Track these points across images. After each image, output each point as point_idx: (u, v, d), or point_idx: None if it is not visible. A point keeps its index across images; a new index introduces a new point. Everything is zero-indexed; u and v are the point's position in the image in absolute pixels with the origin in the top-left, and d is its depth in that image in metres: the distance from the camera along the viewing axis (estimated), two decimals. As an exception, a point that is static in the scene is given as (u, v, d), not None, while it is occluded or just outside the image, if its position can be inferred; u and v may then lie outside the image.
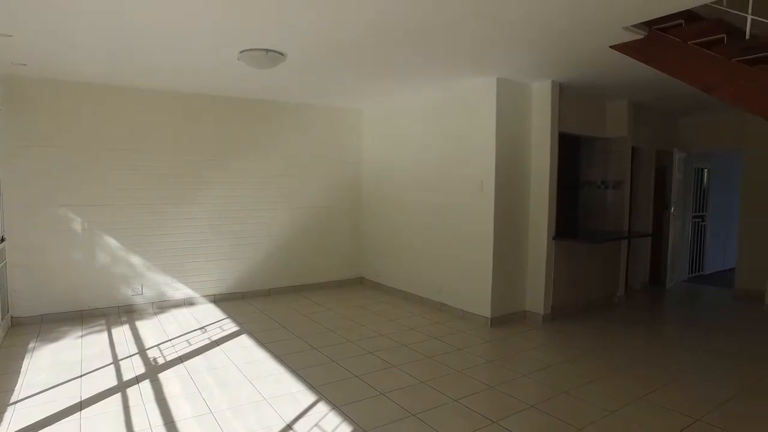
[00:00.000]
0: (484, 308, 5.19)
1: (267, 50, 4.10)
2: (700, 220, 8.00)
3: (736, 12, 3.17)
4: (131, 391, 3.45)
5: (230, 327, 5.04)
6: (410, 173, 6.25)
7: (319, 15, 3.24)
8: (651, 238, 6.91)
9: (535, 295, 5.36)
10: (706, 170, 8.13)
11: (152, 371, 3.83)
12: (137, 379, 3.67)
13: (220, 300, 6.16)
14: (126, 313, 5.52)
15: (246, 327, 5.03)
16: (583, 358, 4.22)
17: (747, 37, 3.08)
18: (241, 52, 4.15)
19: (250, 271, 6.40)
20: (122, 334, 4.78)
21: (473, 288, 5.31)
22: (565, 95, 5.47)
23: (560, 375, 3.84)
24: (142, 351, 4.30)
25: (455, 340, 4.66)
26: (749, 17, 3.12)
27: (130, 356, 4.16)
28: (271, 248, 6.55)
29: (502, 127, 5.07)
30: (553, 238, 5.28)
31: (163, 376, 3.72)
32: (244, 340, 4.62)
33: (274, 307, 5.87)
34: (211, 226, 6.08)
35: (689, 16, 3.37)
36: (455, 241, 5.55)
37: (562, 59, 4.35)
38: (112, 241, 5.43)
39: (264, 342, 4.55)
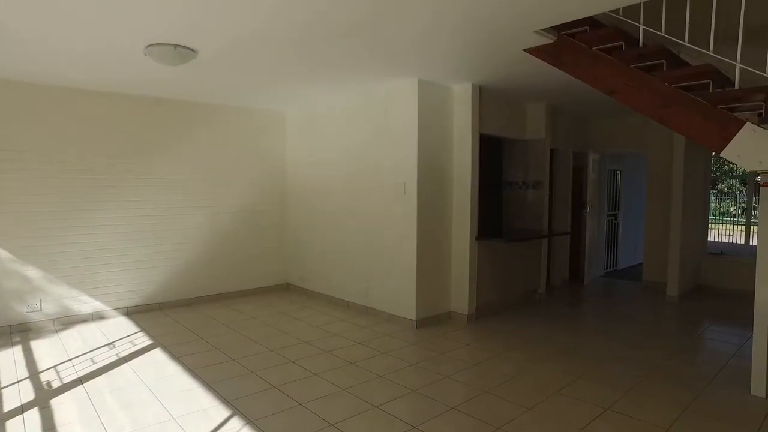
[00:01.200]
0: (409, 311, 5.18)
1: (176, 45, 3.85)
2: (614, 218, 8.48)
3: (630, 21, 3.34)
4: (13, 425, 3.08)
5: (142, 341, 4.70)
6: (334, 177, 6.15)
7: (231, 7, 3.06)
8: (569, 236, 7.22)
9: (460, 296, 5.41)
10: (619, 171, 8.63)
11: (44, 397, 3.46)
12: (22, 409, 3.29)
13: (134, 312, 5.75)
14: (20, 332, 5.01)
15: (160, 340, 4.71)
16: (505, 355, 4.30)
17: (640, 44, 3.25)
18: (147, 46, 3.87)
19: (168, 280, 6.03)
20: (11, 356, 4.31)
21: (398, 291, 5.29)
22: (486, 98, 5.58)
23: (482, 374, 3.88)
24: (33, 375, 3.89)
25: (380, 344, 4.60)
26: (641, 27, 3.30)
27: (18, 382, 3.74)
28: (192, 255, 6.21)
29: (424, 129, 5.09)
30: (476, 239, 5.36)
31: (57, 402, 3.37)
32: (157, 354, 4.32)
33: (194, 318, 5.55)
34: (125, 234, 5.66)
35: (593, 23, 3.51)
36: (379, 244, 5.50)
37: (480, 62, 4.41)
38: (1, 253, 4.90)
39: (178, 356, 4.27)
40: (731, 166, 17.99)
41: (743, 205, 17.53)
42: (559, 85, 5.26)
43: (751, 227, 6.94)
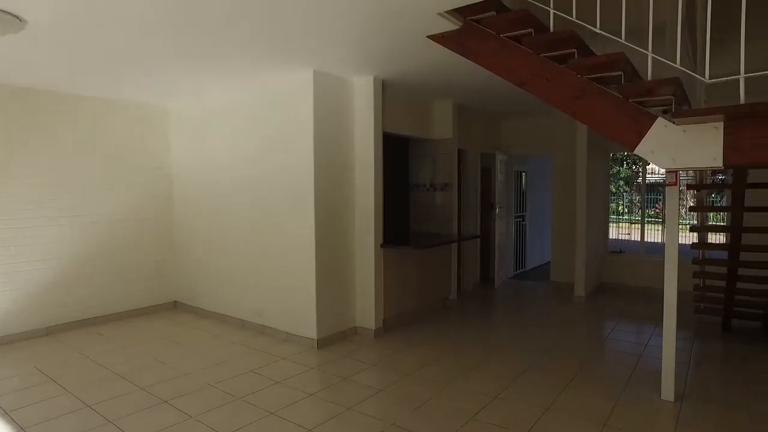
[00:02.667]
0: (309, 329, 4.62)
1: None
2: (522, 219, 8.51)
3: (540, 5, 3.07)
4: None
5: (-33, 389, 3.71)
6: (225, 181, 5.43)
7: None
8: (479, 238, 7.05)
9: (366, 309, 4.95)
10: (523, 173, 8.68)
11: None
12: None
13: (-32, 349, 4.64)
14: None
15: (-8, 386, 3.75)
16: (415, 375, 3.88)
17: (551, 30, 2.98)
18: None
19: (18, 307, 4.95)
20: None
21: (297, 307, 4.71)
22: (390, 93, 5.19)
23: (390, 402, 3.42)
24: None
25: (275, 371, 4.00)
26: (551, 11, 3.03)
27: None
28: (52, 274, 5.17)
29: (322, 127, 4.57)
30: (381, 246, 4.93)
31: None
32: (-19, 407, 3.38)
33: (49, 352, 4.57)
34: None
35: (500, 7, 3.19)
36: (276, 256, 4.89)
37: (382, 51, 3.98)
38: None
39: (10, 409, 3.37)
40: (617, 168, 19.40)
41: (629, 204, 19.01)
42: (465, 81, 4.99)
43: (645, 226, 7.19)
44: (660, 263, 6.59)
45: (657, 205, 16.72)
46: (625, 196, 18.24)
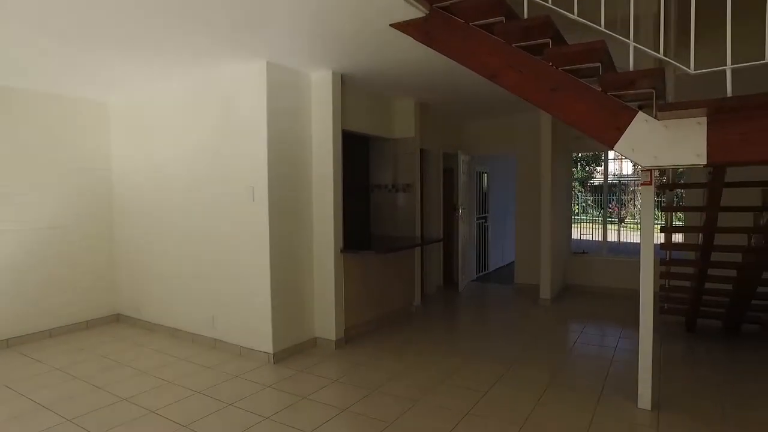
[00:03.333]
0: (265, 342, 4.25)
1: None
2: (484, 221, 8.38)
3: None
4: None
5: None
6: (171, 182, 4.98)
7: None
8: (442, 241, 6.85)
9: (325, 318, 4.62)
10: (485, 173, 8.56)
11: None
12: None
13: None
14: None
15: None
16: (380, 391, 3.59)
17: (525, 16, 2.77)
18: None
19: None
20: None
21: (251, 318, 4.33)
22: (350, 89, 4.90)
23: (353, 424, 3.12)
24: None
25: (227, 392, 3.61)
26: (526, -2, 2.83)
27: None
28: (-33, 290, 4.57)
29: (277, 123, 4.22)
30: (342, 251, 4.62)
31: None
32: None
33: (-39, 379, 4.00)
34: None
35: (468, -8, 2.96)
36: (227, 263, 4.49)
37: (341, 42, 3.68)
38: None
39: None
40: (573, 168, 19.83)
41: (583, 204, 19.46)
42: (429, 77, 4.76)
43: (607, 226, 7.20)
44: (623, 263, 6.71)
45: (611, 206, 17.18)
46: (579, 197, 18.60)
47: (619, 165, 18.00)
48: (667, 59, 2.39)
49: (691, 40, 2.30)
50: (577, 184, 20.00)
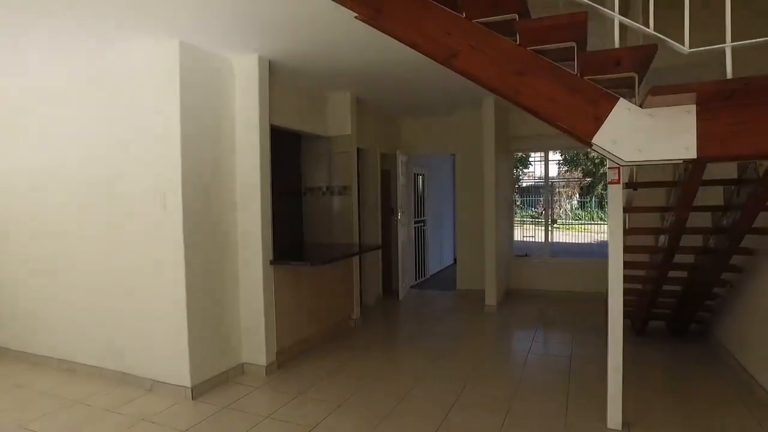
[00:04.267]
0: (181, 374, 3.56)
1: None
2: (422, 224, 8.03)
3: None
4: None
5: None
6: (63, 186, 4.12)
7: None
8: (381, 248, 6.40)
9: (254, 341, 4.00)
10: (421, 175, 8.23)
11: None
12: None
13: None
14: None
15: None
16: (323, 427, 3.04)
17: (491, -12, 2.36)
18: None
19: None
20: None
21: (164, 346, 3.63)
22: (279, 78, 4.34)
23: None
24: None
25: (128, 445, 2.91)
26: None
27: None
28: None
29: (193, 116, 3.56)
30: (272, 263, 4.03)
31: None
32: None
33: None
34: None
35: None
36: (135, 282, 3.75)
37: (270, 15, 3.11)
38: None
39: None
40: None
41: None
42: (368, 67, 4.31)
43: (549, 228, 7.10)
44: (565, 265, 6.60)
45: (536, 207, 17.70)
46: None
47: (542, 167, 18.53)
48: (659, 35, 2.08)
49: (686, 13, 2.00)
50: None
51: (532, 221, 15.38)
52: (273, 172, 4.10)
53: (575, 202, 20.85)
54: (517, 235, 9.43)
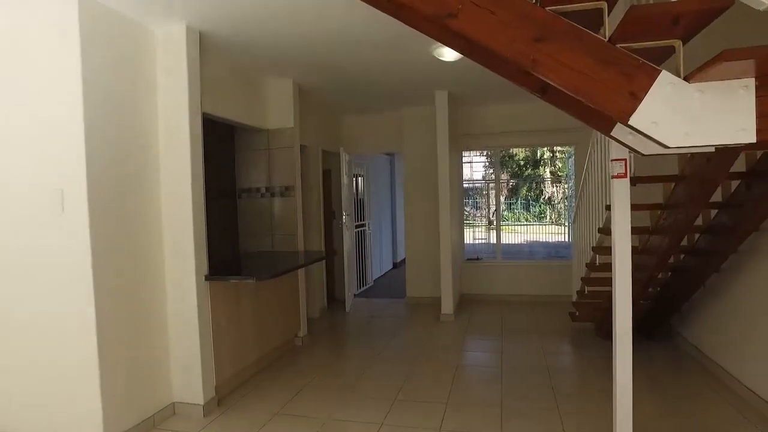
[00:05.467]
0: (91, 427, 2.74)
1: None
2: (366, 228, 7.49)
3: None
4: None
5: None
6: None
7: None
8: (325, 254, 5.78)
9: (188, 375, 3.26)
10: (361, 176, 7.69)
11: None
12: None
13: None
14: None
15: None
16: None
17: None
18: None
19: None
20: None
21: (68, 393, 2.78)
22: (210, 59, 3.65)
23: None
24: None
25: None
26: None
27: None
28: None
29: (98, 97, 2.78)
30: (207, 278, 3.31)
31: None
32: None
33: None
34: None
35: None
36: (26, 312, 2.85)
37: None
38: None
39: None
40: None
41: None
42: (316, 46, 3.71)
43: (500, 229, 6.85)
44: (516, 268, 6.33)
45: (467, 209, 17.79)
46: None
47: (469, 169, 18.88)
48: None
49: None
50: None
51: (469, 224, 15.40)
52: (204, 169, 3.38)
53: (502, 204, 21.34)
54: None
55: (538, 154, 17.25)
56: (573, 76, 1.93)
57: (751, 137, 1.80)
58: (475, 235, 13.36)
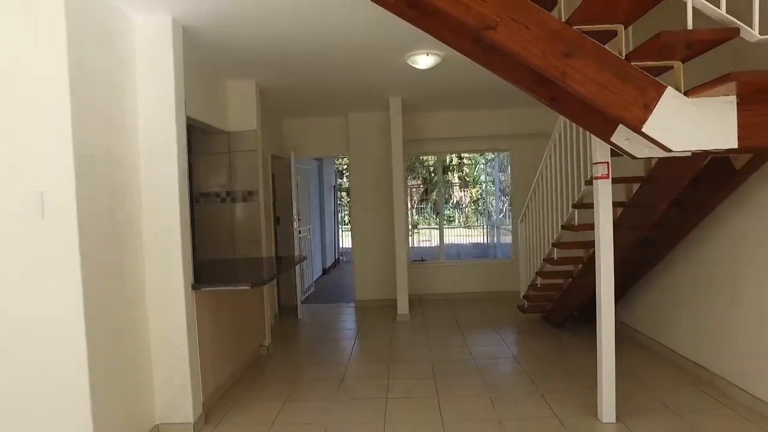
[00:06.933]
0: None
1: None
2: (308, 233, 7.40)
3: None
4: None
5: None
6: None
7: None
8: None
9: (175, 392, 3.04)
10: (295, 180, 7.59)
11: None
12: None
13: None
14: None
15: None
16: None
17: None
18: None
19: None
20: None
21: (51, 419, 2.49)
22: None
23: None
24: None
25: None
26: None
27: None
28: None
29: (85, 89, 2.54)
30: (193, 288, 3.14)
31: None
32: None
33: None
34: None
35: None
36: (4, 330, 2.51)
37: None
38: None
39: None
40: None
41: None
42: (290, 45, 3.65)
43: (444, 231, 7.16)
44: (457, 267, 6.67)
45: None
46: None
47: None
48: (731, 18, 2.06)
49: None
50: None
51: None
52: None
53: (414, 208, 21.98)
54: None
55: (447, 161, 18.12)
56: (596, 88, 2.20)
57: (733, 143, 2.19)
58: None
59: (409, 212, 8.33)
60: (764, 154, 2.78)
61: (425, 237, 13.47)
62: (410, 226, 7.93)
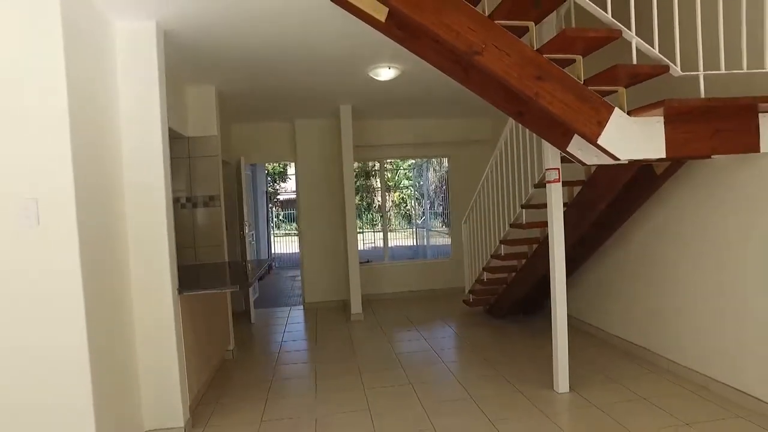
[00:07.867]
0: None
1: None
2: (251, 238, 7.36)
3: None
4: None
5: None
6: None
7: None
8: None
9: (164, 397, 3.07)
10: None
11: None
12: None
13: None
14: None
15: None
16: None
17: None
18: None
19: None
20: None
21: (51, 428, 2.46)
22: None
23: None
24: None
25: None
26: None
27: None
28: None
29: (80, 94, 2.54)
30: (180, 292, 3.18)
31: None
32: None
33: None
34: None
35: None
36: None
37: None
38: None
39: None
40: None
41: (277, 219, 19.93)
42: (261, 49, 3.75)
43: (388, 234, 7.46)
44: (403, 268, 7.01)
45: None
46: (272, 212, 18.81)
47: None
48: (661, 56, 2.57)
49: (676, 43, 2.55)
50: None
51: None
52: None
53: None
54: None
55: (370, 166, 18.54)
56: (561, 106, 2.64)
57: (662, 154, 2.73)
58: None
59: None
60: (680, 162, 3.41)
61: (368, 240, 13.82)
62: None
